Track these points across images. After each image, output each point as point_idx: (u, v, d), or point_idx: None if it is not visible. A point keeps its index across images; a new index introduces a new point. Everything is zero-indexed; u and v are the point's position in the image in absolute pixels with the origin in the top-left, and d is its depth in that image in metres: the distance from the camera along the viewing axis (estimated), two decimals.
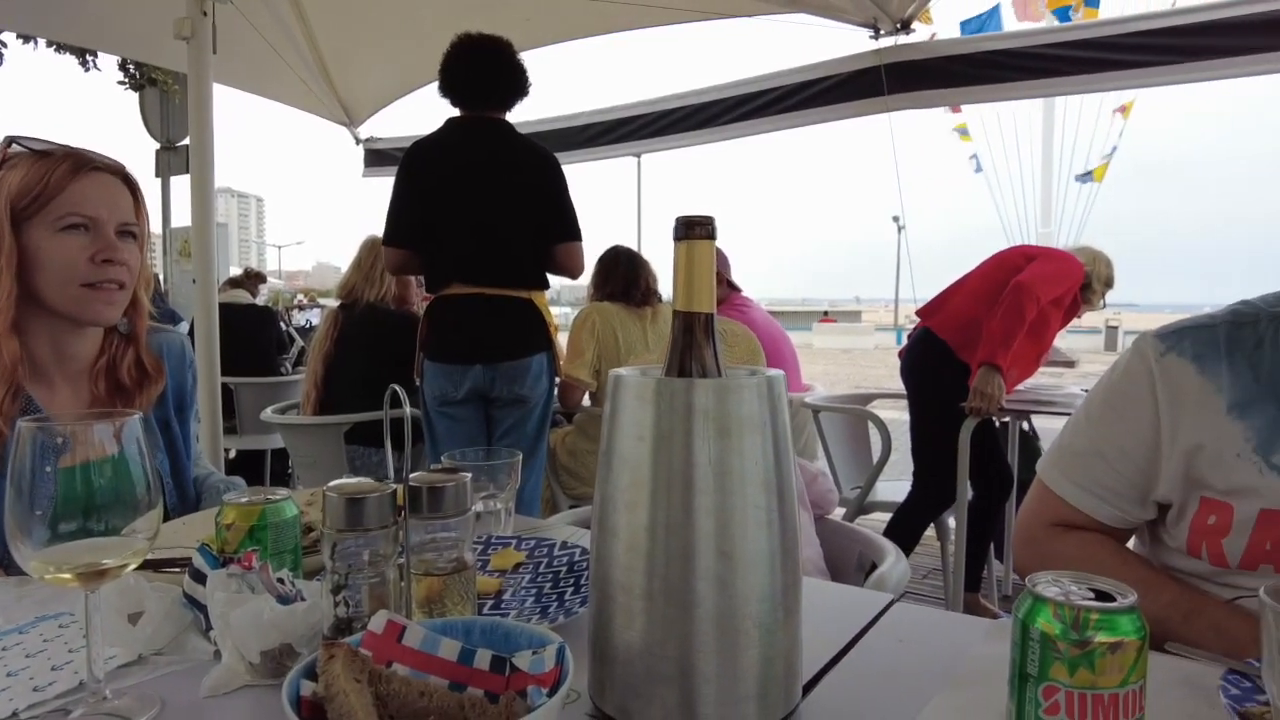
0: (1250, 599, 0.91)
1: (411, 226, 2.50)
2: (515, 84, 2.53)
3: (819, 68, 3.71)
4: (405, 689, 0.59)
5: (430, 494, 0.75)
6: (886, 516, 3.15)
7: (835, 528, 1.55)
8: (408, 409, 0.74)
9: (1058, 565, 0.67)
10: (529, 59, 2.59)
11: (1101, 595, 0.57)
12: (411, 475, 0.76)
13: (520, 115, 2.65)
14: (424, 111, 3.16)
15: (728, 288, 3.37)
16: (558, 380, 2.79)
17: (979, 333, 2.72)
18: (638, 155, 4.96)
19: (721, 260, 3.26)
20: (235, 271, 6.36)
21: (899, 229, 25.10)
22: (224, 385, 3.30)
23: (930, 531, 3.17)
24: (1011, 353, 2.65)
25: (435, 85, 2.56)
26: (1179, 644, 0.88)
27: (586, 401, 3.01)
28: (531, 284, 2.52)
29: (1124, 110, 9.66)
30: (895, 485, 3.20)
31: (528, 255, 2.49)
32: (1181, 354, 0.97)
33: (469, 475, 0.78)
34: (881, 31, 3.46)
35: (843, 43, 3.64)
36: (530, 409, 2.51)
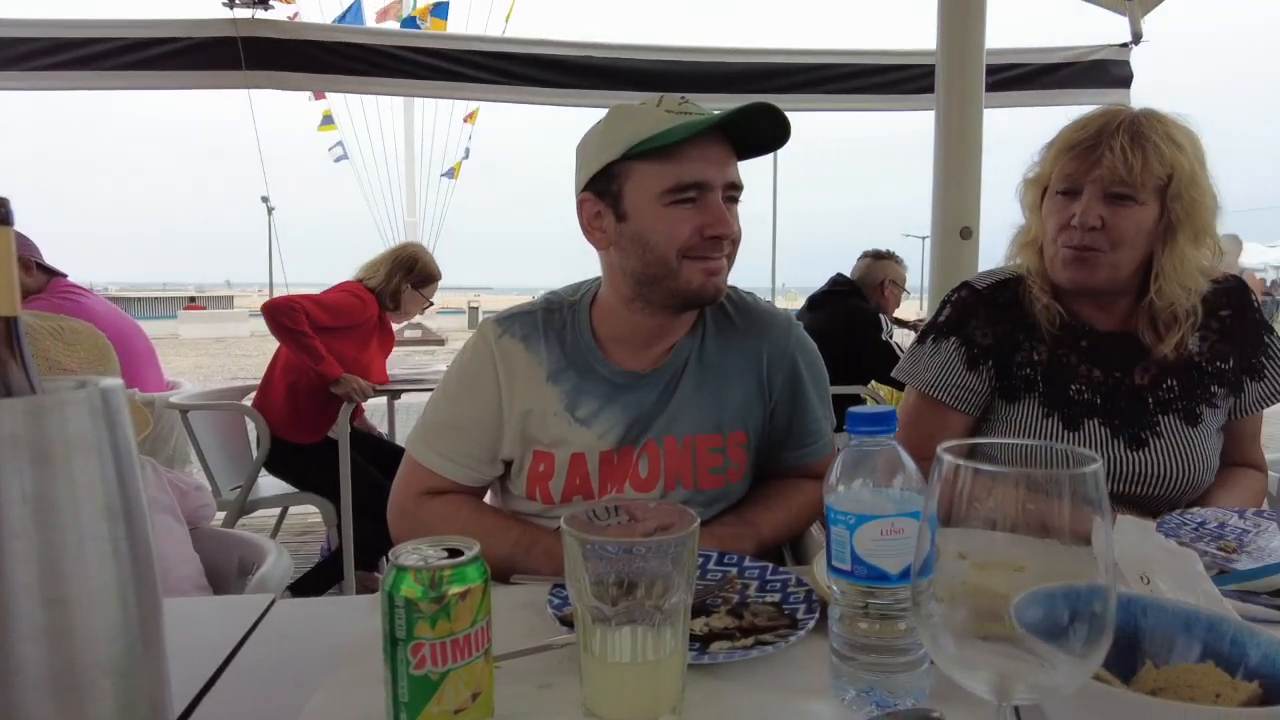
0: None
1: None
2: None
3: (166, 25, 3.30)
4: None
5: None
6: (273, 513, 3.03)
7: (214, 535, 1.45)
8: None
9: (427, 530, 0.75)
10: None
11: (454, 551, 0.66)
12: None
13: None
14: None
15: (43, 274, 2.77)
16: None
17: (296, 411, 2.90)
18: None
19: (26, 244, 2.69)
20: None
21: (269, 210, 24.00)
22: None
23: (317, 517, 3.16)
24: (335, 359, 2.85)
25: None
26: (522, 574, 1.07)
27: None
28: None
29: (470, 118, 10.96)
30: (278, 480, 3.08)
31: None
32: (513, 335, 1.18)
33: None
34: (237, 1, 3.26)
35: (194, 4, 3.32)
36: None
